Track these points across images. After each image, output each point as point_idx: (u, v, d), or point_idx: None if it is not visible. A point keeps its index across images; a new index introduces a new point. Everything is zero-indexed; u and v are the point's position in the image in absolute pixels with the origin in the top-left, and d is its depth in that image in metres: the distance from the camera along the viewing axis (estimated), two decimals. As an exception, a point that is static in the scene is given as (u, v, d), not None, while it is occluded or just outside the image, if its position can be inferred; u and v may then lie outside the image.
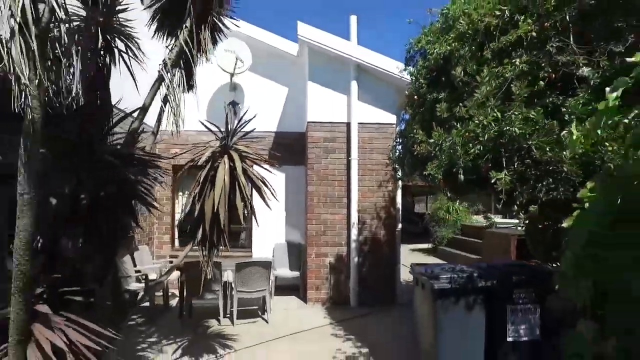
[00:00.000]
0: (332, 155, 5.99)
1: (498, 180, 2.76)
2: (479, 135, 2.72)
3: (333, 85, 6.00)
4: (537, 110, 2.62)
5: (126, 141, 2.86)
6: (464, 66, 3.12)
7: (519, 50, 2.86)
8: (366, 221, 5.94)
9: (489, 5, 3.18)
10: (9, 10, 1.70)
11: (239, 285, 5.03)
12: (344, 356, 4.06)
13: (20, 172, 1.95)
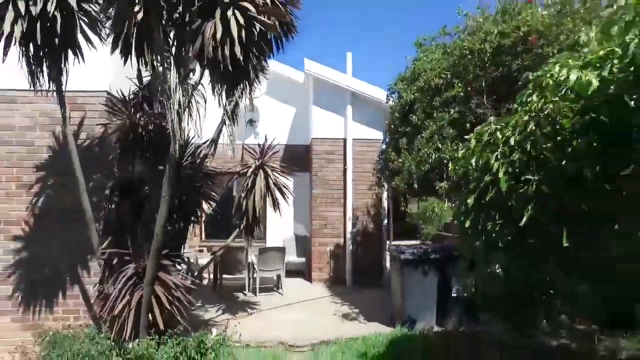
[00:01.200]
0: (332, 164, 7.66)
1: (440, 188, 4.43)
2: (427, 159, 4.40)
3: (332, 108, 7.67)
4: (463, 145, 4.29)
5: (200, 161, 4.53)
6: (421, 111, 4.80)
7: (453, 103, 4.55)
8: (359, 217, 7.61)
9: (438, 70, 4.87)
10: (175, 93, 3.32)
11: (260, 266, 6.69)
12: (341, 313, 5.73)
13: (164, 183, 3.61)
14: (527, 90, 2.73)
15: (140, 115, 4.32)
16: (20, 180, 4.74)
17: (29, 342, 4.55)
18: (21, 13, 3.10)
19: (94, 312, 4.60)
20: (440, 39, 5.68)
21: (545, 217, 2.42)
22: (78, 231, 4.56)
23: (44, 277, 4.69)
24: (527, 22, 4.34)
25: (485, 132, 2.87)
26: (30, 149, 4.77)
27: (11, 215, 4.70)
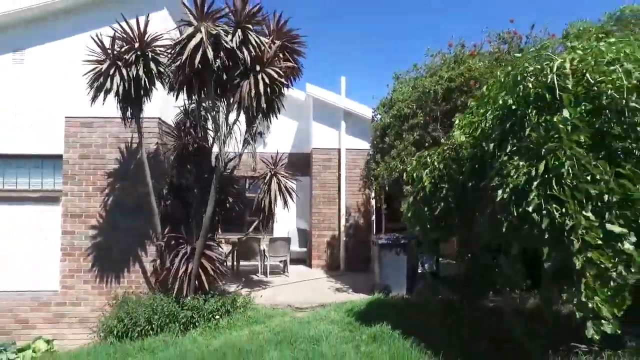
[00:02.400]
0: (328, 170, 9.42)
1: (406, 190, 6.19)
2: (395, 169, 6.16)
3: (329, 123, 9.42)
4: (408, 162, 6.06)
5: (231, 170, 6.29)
6: (394, 133, 6.58)
7: (416, 128, 6.32)
8: (351, 214, 9.37)
9: (407, 101, 6.65)
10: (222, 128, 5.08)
11: (270, 253, 8.45)
12: (334, 288, 7.49)
13: (212, 187, 5.37)
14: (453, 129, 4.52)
15: (188, 138, 6.09)
16: (95, 184, 6.51)
17: (104, 303, 6.32)
18: (124, 77, 4.86)
19: (150, 282, 6.38)
20: (413, 73, 7.47)
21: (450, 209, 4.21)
22: (138, 223, 6.36)
23: (113, 256, 6.46)
24: (469, 69, 6.12)
25: (422, 156, 4.67)
26: (102, 161, 6.54)
27: (90, 211, 6.47)
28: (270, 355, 4.29)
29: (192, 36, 4.61)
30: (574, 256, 2.89)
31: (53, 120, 6.52)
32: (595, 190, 2.90)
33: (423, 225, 4.47)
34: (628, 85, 3.03)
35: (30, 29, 6.56)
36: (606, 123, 3.12)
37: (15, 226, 6.47)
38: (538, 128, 3.22)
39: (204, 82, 5.14)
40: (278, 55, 5.32)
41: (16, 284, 6.38)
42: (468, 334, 4.54)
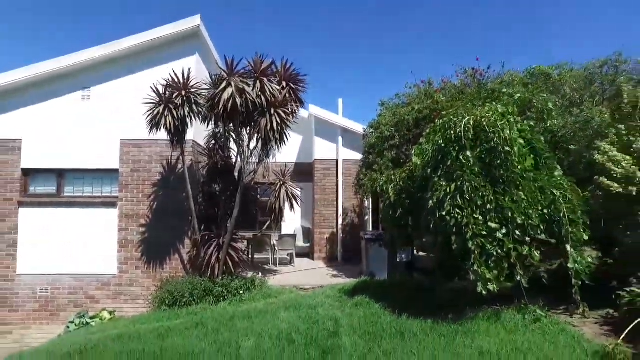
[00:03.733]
0: (328, 177, 11.37)
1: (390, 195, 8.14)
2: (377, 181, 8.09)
3: (328, 138, 11.37)
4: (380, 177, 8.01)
5: (250, 181, 8.28)
6: (377, 151, 8.52)
7: (394, 148, 8.26)
8: (347, 214, 11.32)
9: (388, 126, 8.59)
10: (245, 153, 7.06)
11: (279, 247, 10.43)
12: (331, 275, 9.45)
13: (237, 195, 7.36)
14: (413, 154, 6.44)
15: (217, 156, 8.10)
16: (144, 192, 8.53)
17: (151, 284, 8.35)
18: (174, 117, 6.87)
19: (187, 268, 8.40)
20: (395, 100, 9.43)
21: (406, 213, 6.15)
22: (177, 222, 8.38)
23: (158, 248, 8.48)
24: (435, 102, 8.05)
25: (389, 174, 6.62)
26: (149, 173, 8.57)
27: (140, 212, 8.50)
28: (282, 314, 6.26)
29: (225, 89, 6.59)
30: (468, 242, 4.83)
31: (111, 143, 8.56)
32: (481, 202, 4.84)
33: (389, 225, 6.43)
34: (506, 136, 4.96)
35: (95, 72, 8.60)
36: (492, 159, 5.04)
37: (84, 224, 8.52)
38: (455, 161, 5.17)
39: (231, 118, 7.13)
40: (286, 97, 7.30)
41: (85, 268, 8.43)
42: (423, 303, 6.46)
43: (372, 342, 4.90)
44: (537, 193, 4.98)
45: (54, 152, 8.55)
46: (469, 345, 4.56)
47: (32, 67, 8.40)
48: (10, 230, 8.39)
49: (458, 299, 6.09)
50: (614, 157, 4.96)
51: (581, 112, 5.89)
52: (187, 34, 8.61)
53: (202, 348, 4.91)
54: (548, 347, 4.26)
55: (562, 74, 7.05)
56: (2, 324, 8.22)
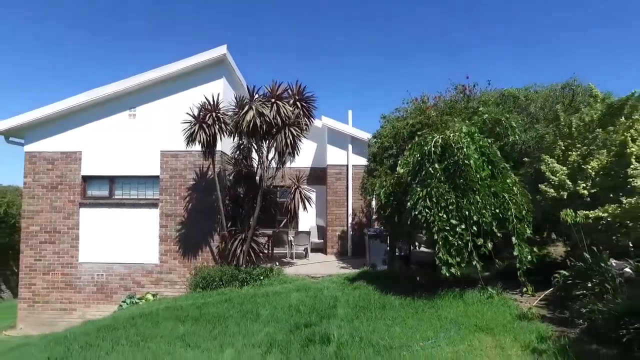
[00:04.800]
0: (339, 181, 12.93)
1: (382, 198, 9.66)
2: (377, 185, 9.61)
3: (339, 145, 12.93)
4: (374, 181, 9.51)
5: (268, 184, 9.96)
6: (378, 159, 10.04)
7: (392, 156, 9.75)
8: (356, 214, 12.85)
9: (388, 137, 10.10)
10: (264, 163, 8.73)
11: (295, 242, 12.06)
12: (340, 266, 11.02)
13: (258, 198, 9.05)
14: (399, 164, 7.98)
15: (241, 165, 9.81)
16: (180, 195, 10.33)
17: (186, 272, 10.13)
18: (206, 134, 8.60)
19: (216, 259, 10.14)
20: (395, 113, 10.90)
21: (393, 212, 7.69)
22: (208, 220, 10.13)
23: (192, 242, 10.26)
24: (427, 117, 9.50)
25: (381, 180, 8.17)
26: (184, 179, 10.35)
27: (177, 212, 10.30)
28: (293, 294, 7.88)
29: (247, 112, 8.27)
30: (434, 234, 6.32)
31: (153, 153, 10.39)
32: (445, 203, 6.33)
33: (382, 221, 7.95)
34: (466, 152, 6.41)
35: (139, 95, 10.45)
36: (455, 170, 6.51)
37: (131, 222, 10.39)
38: (427, 171, 6.67)
39: (252, 134, 8.80)
40: (298, 115, 8.93)
41: (133, 258, 10.29)
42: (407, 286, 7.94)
43: (360, 312, 6.45)
44: (490, 196, 6.42)
45: (106, 161, 10.45)
46: (433, 314, 6.07)
47: (89, 93, 10.32)
48: (73, 227, 10.34)
49: (436, 284, 7.56)
50: (553, 168, 6.35)
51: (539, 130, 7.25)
52: (215, 61, 10.35)
53: (231, 314, 6.59)
54: (489, 313, 5.73)
55: (529, 95, 8.37)
56: (69, 303, 10.18)
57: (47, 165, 10.46)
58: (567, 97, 7.89)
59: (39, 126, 10.48)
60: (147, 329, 6.13)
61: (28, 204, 10.43)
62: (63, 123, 10.50)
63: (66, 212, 10.39)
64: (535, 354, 4.32)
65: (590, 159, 5.97)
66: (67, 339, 6.00)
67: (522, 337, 4.81)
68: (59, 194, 10.43)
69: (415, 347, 4.89)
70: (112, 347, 5.38)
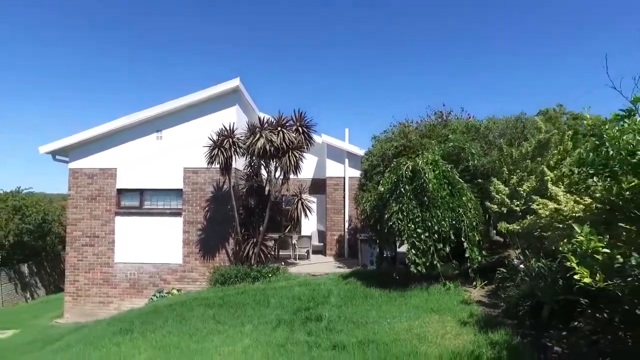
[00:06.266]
0: (337, 191, 14.98)
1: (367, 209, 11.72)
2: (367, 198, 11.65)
3: (337, 159, 14.98)
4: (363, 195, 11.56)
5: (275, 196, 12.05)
6: (368, 176, 12.08)
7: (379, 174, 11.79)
8: (352, 220, 14.89)
9: (376, 156, 12.16)
10: (272, 181, 10.82)
11: (298, 245, 14.13)
12: (337, 266, 13.08)
13: (267, 208, 11.14)
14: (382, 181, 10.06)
15: (252, 180, 11.90)
16: (200, 205, 12.45)
17: (205, 271, 12.23)
18: (224, 155, 10.70)
19: (231, 260, 12.23)
20: (384, 134, 12.94)
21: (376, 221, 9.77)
22: (224, 227, 12.24)
23: (210, 245, 12.36)
24: (409, 140, 11.52)
25: (366, 195, 10.25)
26: (204, 192, 12.46)
27: (197, 220, 12.41)
28: (296, 288, 9.94)
29: (258, 139, 10.36)
30: (405, 240, 8.36)
31: (177, 170, 12.50)
32: (412, 216, 8.37)
33: (369, 229, 9.99)
34: (431, 176, 8.44)
35: (165, 120, 12.58)
36: (421, 190, 8.54)
37: (158, 228, 12.51)
38: (400, 191, 8.71)
39: (262, 156, 10.89)
40: (300, 140, 11.01)
41: (160, 259, 12.42)
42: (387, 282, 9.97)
43: (348, 301, 8.50)
44: (449, 211, 8.44)
45: (137, 177, 12.59)
46: (402, 301, 8.11)
47: (123, 119, 12.46)
48: (110, 232, 12.50)
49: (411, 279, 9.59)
50: (498, 188, 8.37)
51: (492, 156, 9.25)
52: (230, 91, 12.45)
53: (247, 302, 8.69)
54: (443, 300, 7.76)
55: (488, 125, 10.32)
56: (106, 296, 12.34)
57: (87, 179, 12.62)
58: (519, 128, 9.86)
59: (81, 147, 12.64)
60: (184, 312, 8.24)
61: (72, 212, 12.60)
62: (101, 144, 12.65)
63: (103, 220, 12.54)
64: (462, 323, 6.36)
65: (523, 183, 7.97)
66: (126, 318, 8.12)
67: (459, 315, 6.85)
68: (97, 204, 12.58)
69: (383, 323, 6.95)
70: (163, 323, 7.49)
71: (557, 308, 5.83)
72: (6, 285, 16.47)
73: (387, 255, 12.48)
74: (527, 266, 6.84)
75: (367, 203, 9.97)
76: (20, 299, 17.52)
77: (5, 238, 15.60)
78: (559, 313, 5.84)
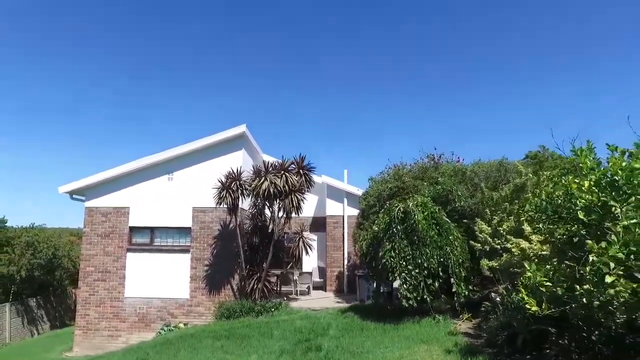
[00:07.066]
0: (337, 229, 15.88)
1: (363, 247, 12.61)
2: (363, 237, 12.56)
3: (336, 199, 15.96)
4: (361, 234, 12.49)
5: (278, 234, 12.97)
6: (365, 215, 13.04)
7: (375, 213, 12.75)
8: (350, 257, 15.71)
9: (373, 197, 13.17)
10: (275, 220, 11.78)
11: (299, 281, 14.90)
12: (336, 301, 13.81)
13: (270, 246, 12.04)
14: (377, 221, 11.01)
15: (257, 219, 12.86)
16: (207, 242, 13.34)
17: (211, 306, 12.99)
18: (231, 197, 11.70)
19: (236, 295, 13.01)
20: (380, 176, 13.98)
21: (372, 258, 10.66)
22: (229, 263, 13.10)
23: (216, 281, 13.17)
24: (402, 182, 12.55)
25: (362, 234, 11.18)
26: (211, 230, 13.39)
27: (204, 256, 13.28)
28: (298, 322, 10.69)
29: (263, 182, 11.40)
30: (396, 276, 9.23)
31: (186, 209, 13.48)
32: (404, 254, 9.27)
33: (365, 266, 10.85)
34: (420, 217, 9.39)
35: (176, 162, 13.69)
36: (411, 230, 9.47)
37: (167, 264, 13.36)
38: (393, 230, 9.65)
39: (267, 197, 11.90)
40: (302, 183, 12.04)
41: (168, 294, 13.20)
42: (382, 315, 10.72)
43: (345, 333, 9.27)
44: (437, 249, 9.34)
45: (148, 215, 13.56)
46: (395, 333, 8.88)
47: (136, 161, 13.57)
48: (121, 267, 13.34)
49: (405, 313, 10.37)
50: (481, 228, 9.30)
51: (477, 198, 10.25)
52: (237, 136, 13.61)
53: (252, 334, 9.45)
54: (432, 332, 8.54)
55: (474, 169, 11.36)
56: (115, 330, 13.04)
57: (102, 217, 13.59)
58: (501, 172, 10.89)
59: (97, 187, 13.68)
60: (195, 343, 9.01)
61: (86, 249, 13.50)
62: (115, 184, 13.70)
63: (115, 256, 13.41)
64: (447, 352, 7.16)
65: (503, 223, 8.91)
66: (140, 349, 8.88)
67: (445, 344, 7.63)
68: (110, 241, 13.49)
69: (377, 352, 7.73)
70: (176, 353, 8.26)
71: (530, 337, 6.66)
72: (15, 320, 17.12)
73: (383, 291, 13.27)
74: (505, 300, 7.70)
75: (364, 241, 10.87)
76: (26, 333, 18.10)
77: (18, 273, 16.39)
78: (531, 341, 6.65)
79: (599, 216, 4.28)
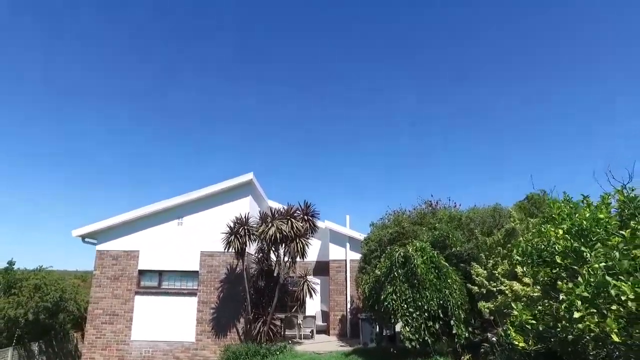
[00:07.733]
0: (339, 273, 16.35)
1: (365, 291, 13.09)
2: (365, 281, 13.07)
3: (339, 243, 16.54)
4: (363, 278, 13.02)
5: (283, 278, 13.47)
6: (367, 260, 13.60)
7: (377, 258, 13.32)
8: (353, 300, 16.08)
9: (374, 242, 13.78)
10: (281, 265, 12.34)
11: (303, 325, 15.20)
12: (340, 345, 14.09)
13: (276, 290, 12.53)
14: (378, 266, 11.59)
15: (263, 263, 13.41)
16: (214, 286, 13.82)
17: (217, 349, 13.29)
18: (239, 242, 12.33)
19: (241, 338, 13.34)
20: (381, 221, 14.64)
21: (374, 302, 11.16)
22: (235, 306, 13.53)
23: (222, 324, 13.54)
24: (402, 228, 13.21)
25: (365, 277, 11.73)
26: (218, 274, 13.90)
27: (211, 300, 13.72)
28: (302, 364, 11.03)
29: (270, 228, 12.06)
30: (399, 318, 9.70)
31: (194, 253, 14.05)
32: (405, 297, 9.79)
33: (367, 309, 11.32)
34: (419, 262, 9.99)
35: (186, 208, 14.40)
36: (412, 274, 10.04)
37: (174, 307, 13.76)
38: (394, 274, 10.22)
39: (273, 242, 12.51)
40: (306, 229, 12.70)
41: (174, 337, 13.51)
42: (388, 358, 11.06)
43: (349, 374, 9.65)
44: (436, 292, 9.87)
45: (157, 258, 14.11)
46: (398, 375, 9.27)
47: (147, 207, 14.28)
48: (129, 310, 13.74)
49: (406, 355, 10.74)
50: (477, 271, 9.88)
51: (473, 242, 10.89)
52: (244, 183, 14.40)
53: (259, 376, 9.80)
54: (433, 373, 8.94)
55: (469, 215, 12.07)
56: (122, 374, 13.27)
57: (112, 260, 14.13)
58: (495, 217, 11.58)
59: (108, 231, 14.32)
60: (204, 384, 9.35)
61: (95, 291, 13.95)
62: (126, 228, 14.34)
63: (124, 299, 13.84)
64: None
65: (498, 266, 9.50)
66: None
67: (446, 384, 8.06)
68: (119, 284, 13.97)
69: (380, 392, 8.13)
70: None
71: (524, 375, 7.12)
72: (16, 365, 17.20)
73: (385, 334, 13.63)
74: (502, 340, 8.18)
75: (366, 285, 11.39)
76: (26, 379, 18.06)
77: (24, 316, 16.65)
78: (526, 379, 7.12)
79: (574, 260, 4.96)
